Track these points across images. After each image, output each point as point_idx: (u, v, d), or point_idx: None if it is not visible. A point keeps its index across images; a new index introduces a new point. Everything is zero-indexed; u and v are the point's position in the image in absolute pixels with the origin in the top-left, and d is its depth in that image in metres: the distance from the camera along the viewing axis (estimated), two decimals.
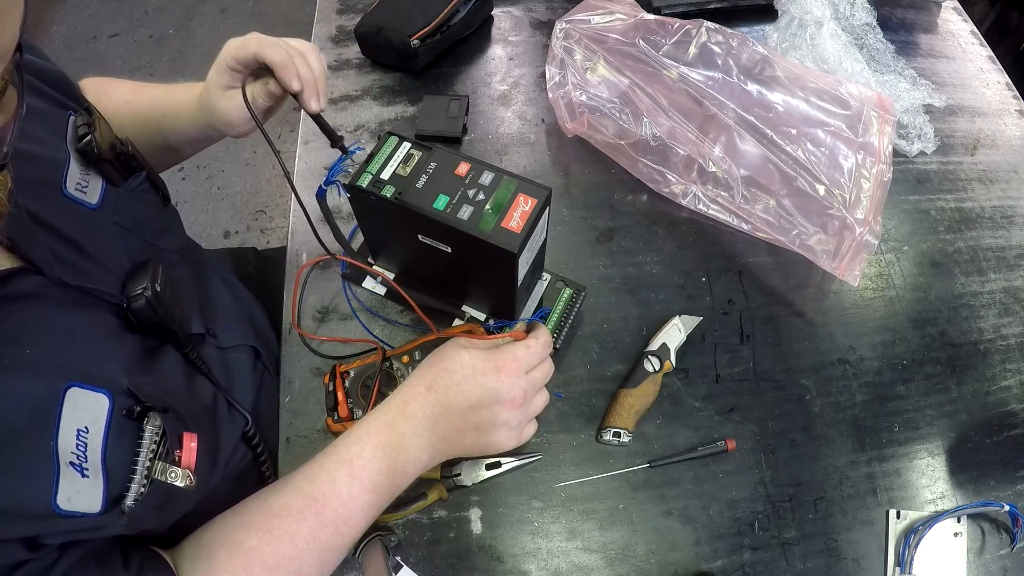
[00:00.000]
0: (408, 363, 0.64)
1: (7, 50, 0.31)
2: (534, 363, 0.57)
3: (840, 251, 0.71)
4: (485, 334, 0.61)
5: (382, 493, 0.52)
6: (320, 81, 0.57)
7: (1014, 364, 0.73)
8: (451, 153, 0.55)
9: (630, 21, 0.80)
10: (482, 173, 0.54)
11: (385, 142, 0.57)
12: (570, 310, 0.69)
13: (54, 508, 0.38)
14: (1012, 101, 0.95)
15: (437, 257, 0.57)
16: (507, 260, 0.52)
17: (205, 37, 2.30)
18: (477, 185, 0.53)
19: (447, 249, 0.56)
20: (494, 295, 0.63)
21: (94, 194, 0.51)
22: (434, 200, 0.53)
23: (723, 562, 0.61)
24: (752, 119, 0.74)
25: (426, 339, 0.64)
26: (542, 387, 0.58)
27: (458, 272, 0.61)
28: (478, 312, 0.67)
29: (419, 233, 0.56)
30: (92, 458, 0.41)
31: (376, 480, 0.51)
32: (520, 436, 0.57)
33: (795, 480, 0.64)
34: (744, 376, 0.70)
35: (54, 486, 0.38)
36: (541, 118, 0.88)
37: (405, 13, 0.88)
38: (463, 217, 0.52)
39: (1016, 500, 0.64)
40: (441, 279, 0.65)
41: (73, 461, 0.39)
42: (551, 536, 0.61)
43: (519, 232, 0.51)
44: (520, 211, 0.52)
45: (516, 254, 0.51)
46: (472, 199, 0.53)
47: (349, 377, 0.63)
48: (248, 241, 1.94)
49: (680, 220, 0.80)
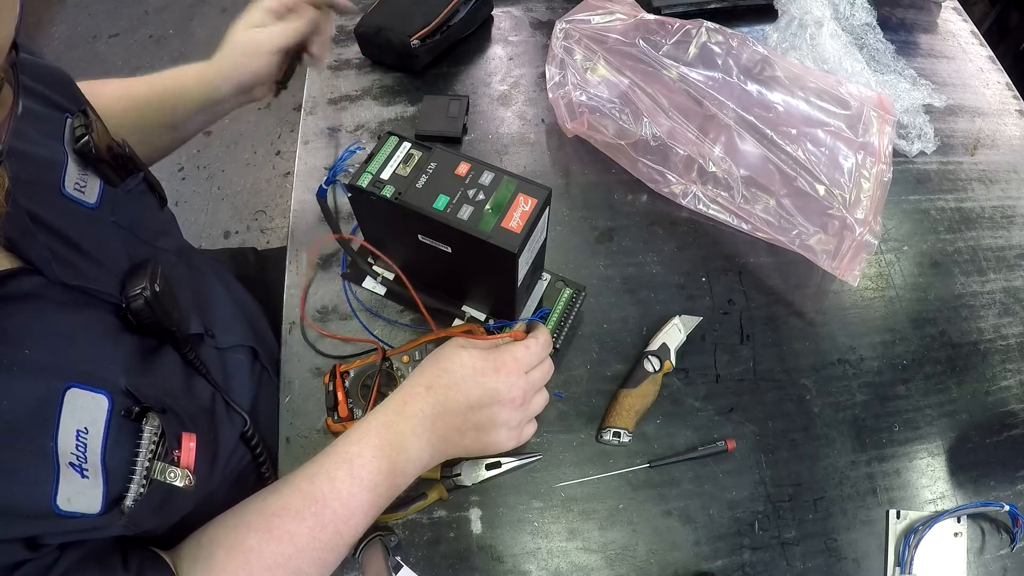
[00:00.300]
0: (408, 363, 0.64)
1: (2, 48, 0.31)
2: (534, 363, 0.57)
3: (840, 251, 0.71)
4: (485, 334, 0.61)
5: (382, 493, 0.52)
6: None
7: (1014, 364, 0.73)
8: (451, 153, 0.55)
9: (630, 21, 0.80)
10: (482, 173, 0.54)
11: (385, 142, 0.57)
12: (570, 310, 0.69)
13: (54, 509, 0.38)
14: (1012, 101, 0.95)
15: (437, 257, 0.57)
16: (507, 260, 0.52)
17: (205, 37, 2.30)
18: (477, 185, 0.53)
19: (447, 249, 0.56)
20: (494, 295, 0.63)
21: (92, 194, 0.51)
22: (434, 200, 0.53)
23: (723, 562, 0.61)
24: (752, 119, 0.74)
25: (426, 339, 0.64)
26: (542, 387, 0.58)
27: (458, 272, 0.61)
28: (478, 312, 0.67)
29: (419, 233, 0.56)
30: (92, 459, 0.41)
31: (376, 480, 0.51)
32: (520, 436, 0.57)
33: (795, 480, 0.64)
34: (744, 376, 0.70)
35: (54, 486, 0.38)
36: (541, 118, 0.88)
37: (405, 13, 0.88)
38: (463, 217, 0.52)
39: (1016, 500, 0.64)
40: (441, 279, 0.65)
41: (73, 462, 0.39)
42: (551, 536, 0.61)
43: (519, 232, 0.51)
44: (520, 211, 0.52)
45: (516, 254, 0.51)
46: (472, 199, 0.53)
47: (349, 377, 0.63)
48: (248, 241, 1.94)
49: (680, 220, 0.80)
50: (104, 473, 0.41)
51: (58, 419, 0.39)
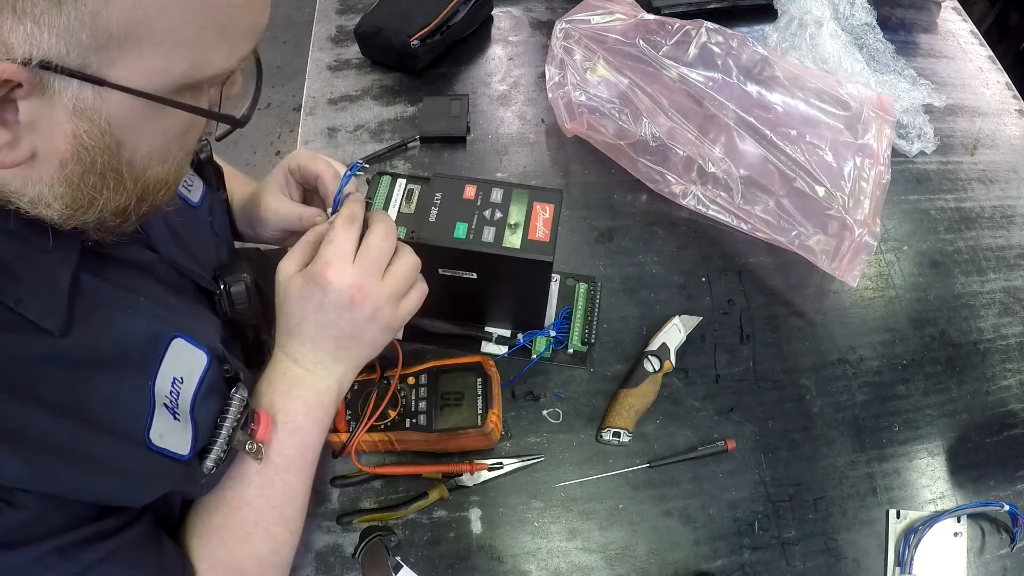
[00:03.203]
0: (413, 384, 0.62)
1: (258, 28, 0.36)
2: (383, 265, 0.51)
3: (840, 252, 0.71)
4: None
5: (311, 429, 0.52)
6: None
7: (1014, 364, 0.73)
8: (452, 178, 0.55)
9: (630, 21, 0.80)
10: (491, 191, 0.54)
11: (378, 184, 0.56)
12: (592, 304, 0.69)
13: (147, 441, 0.40)
14: (1012, 101, 0.95)
15: (460, 286, 0.56)
16: (541, 270, 0.52)
17: None
18: (490, 204, 0.53)
19: (471, 276, 0.55)
20: (523, 308, 0.63)
21: (196, 193, 0.55)
22: (453, 231, 0.52)
23: (723, 562, 0.61)
24: (752, 120, 0.74)
25: (429, 365, 0.62)
26: (410, 281, 0.53)
27: (483, 295, 0.60)
28: (503, 329, 0.67)
29: (440, 267, 0.55)
30: (183, 407, 0.43)
31: (296, 422, 0.51)
32: (397, 317, 0.53)
33: (795, 480, 0.64)
34: (744, 376, 0.70)
35: (149, 419, 0.41)
36: (541, 118, 0.88)
37: (405, 13, 0.88)
38: (488, 239, 0.51)
39: (1016, 500, 0.64)
40: (461, 306, 0.64)
41: (167, 404, 0.42)
42: (551, 536, 0.61)
43: (548, 240, 0.51)
44: (542, 219, 0.52)
45: (550, 262, 0.51)
46: (491, 220, 0.52)
47: (353, 390, 0.62)
48: None
49: (680, 220, 0.80)
50: (193, 423, 0.44)
51: (160, 362, 0.42)
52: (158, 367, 0.42)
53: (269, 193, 0.62)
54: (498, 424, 0.60)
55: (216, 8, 0.33)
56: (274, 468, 0.50)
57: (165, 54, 0.33)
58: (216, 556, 0.48)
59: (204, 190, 0.56)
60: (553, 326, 0.68)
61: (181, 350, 0.44)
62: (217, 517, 0.49)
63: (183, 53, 0.33)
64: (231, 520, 0.49)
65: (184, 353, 0.44)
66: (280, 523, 0.51)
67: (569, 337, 0.68)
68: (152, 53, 0.32)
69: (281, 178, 0.62)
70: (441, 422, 0.59)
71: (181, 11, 0.32)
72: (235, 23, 0.35)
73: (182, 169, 0.41)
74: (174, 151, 0.39)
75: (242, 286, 0.53)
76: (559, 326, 0.68)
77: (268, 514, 0.50)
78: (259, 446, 0.47)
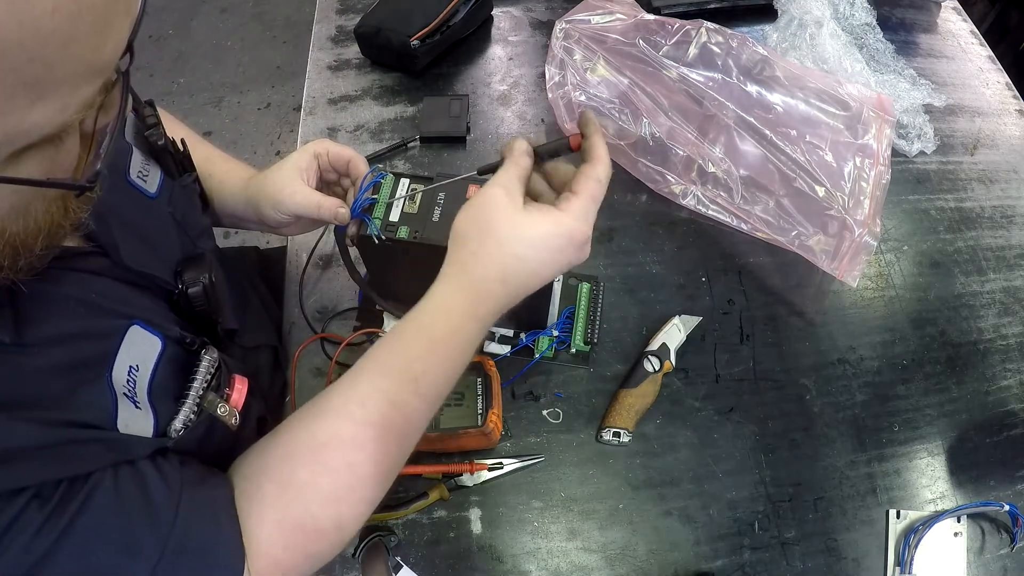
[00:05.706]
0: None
1: (117, 50, 0.32)
2: (601, 201, 0.50)
3: (840, 252, 0.71)
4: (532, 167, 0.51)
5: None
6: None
7: (1014, 364, 0.73)
8: (454, 178, 0.55)
9: (630, 21, 0.80)
10: None
11: (382, 183, 0.56)
12: (595, 304, 0.69)
13: (117, 430, 0.41)
14: (1012, 101, 0.95)
15: None
16: None
17: (205, 37, 2.30)
18: None
19: None
20: (525, 307, 0.62)
21: (153, 183, 0.53)
22: None
23: (723, 562, 0.61)
24: (752, 120, 0.74)
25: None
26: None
27: None
28: (505, 329, 0.67)
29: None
30: (140, 395, 0.43)
31: (444, 392, 0.49)
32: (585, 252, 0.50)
33: (795, 480, 0.64)
34: (744, 376, 0.70)
35: (114, 411, 0.41)
36: (541, 118, 0.88)
37: (405, 13, 0.88)
38: None
39: (1016, 500, 0.64)
40: None
41: (126, 393, 0.42)
42: (551, 536, 0.61)
43: None
44: None
45: None
46: None
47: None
48: (249, 240, 1.94)
49: (680, 220, 0.80)
50: (152, 407, 0.44)
51: (116, 353, 0.42)
52: (113, 359, 0.42)
53: (289, 175, 0.59)
54: (498, 424, 0.61)
55: (15, 70, 0.27)
56: (398, 432, 0.47)
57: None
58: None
59: (162, 179, 0.54)
60: (556, 325, 0.68)
61: (137, 338, 0.44)
62: (303, 472, 0.46)
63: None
64: (321, 479, 0.46)
65: (140, 340, 0.44)
66: (377, 490, 0.48)
67: (572, 337, 0.68)
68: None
69: (304, 162, 0.59)
70: (441, 422, 0.60)
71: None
72: (52, 74, 0.28)
73: (61, 210, 0.36)
74: (34, 206, 0.34)
75: (199, 288, 0.50)
76: (561, 325, 0.68)
77: (371, 482, 0.47)
78: (232, 410, 0.47)
